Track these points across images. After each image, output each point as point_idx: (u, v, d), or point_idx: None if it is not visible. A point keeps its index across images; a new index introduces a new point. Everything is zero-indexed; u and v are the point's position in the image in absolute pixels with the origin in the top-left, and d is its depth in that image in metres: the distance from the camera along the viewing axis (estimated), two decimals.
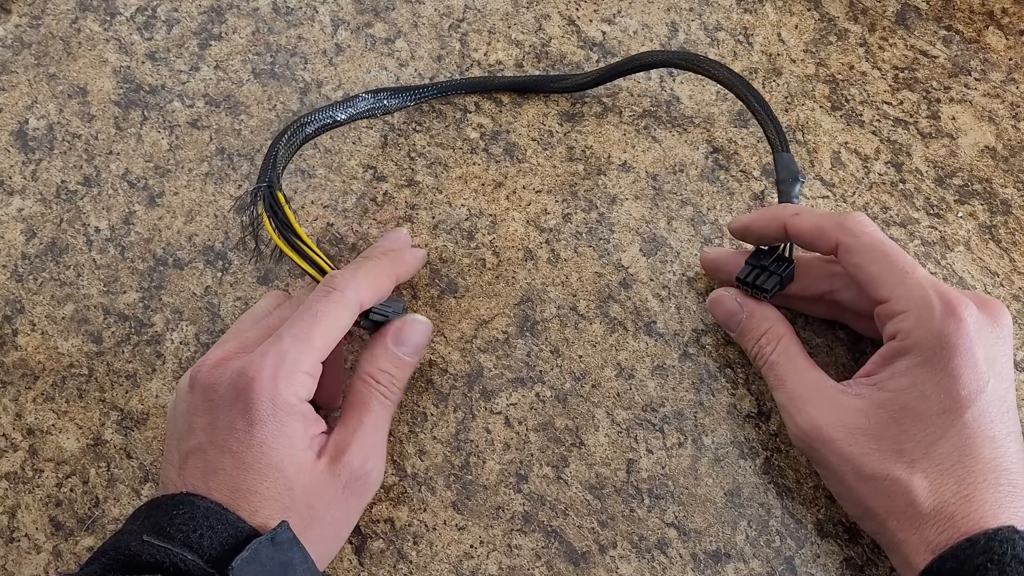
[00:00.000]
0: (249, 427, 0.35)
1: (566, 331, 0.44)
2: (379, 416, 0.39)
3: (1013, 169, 0.48)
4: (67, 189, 0.48)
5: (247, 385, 0.35)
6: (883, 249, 0.37)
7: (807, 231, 0.39)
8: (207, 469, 0.35)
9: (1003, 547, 0.32)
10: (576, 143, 0.49)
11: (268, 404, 0.35)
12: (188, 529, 0.33)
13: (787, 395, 0.38)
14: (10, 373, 0.44)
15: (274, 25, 0.52)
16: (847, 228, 0.38)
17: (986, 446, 0.34)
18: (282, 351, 0.36)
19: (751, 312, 0.40)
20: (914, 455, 0.35)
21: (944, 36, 0.51)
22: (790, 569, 0.40)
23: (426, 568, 0.40)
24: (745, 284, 0.41)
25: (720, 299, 0.42)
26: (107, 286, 0.46)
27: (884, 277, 0.36)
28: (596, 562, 0.40)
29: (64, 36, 0.52)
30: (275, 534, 0.33)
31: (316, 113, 0.46)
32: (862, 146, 0.49)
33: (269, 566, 0.33)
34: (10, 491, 0.42)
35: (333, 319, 0.37)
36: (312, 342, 0.37)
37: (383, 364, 0.40)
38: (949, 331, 0.35)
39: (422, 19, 0.52)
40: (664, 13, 0.52)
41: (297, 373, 0.36)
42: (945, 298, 0.35)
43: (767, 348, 0.40)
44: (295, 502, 0.35)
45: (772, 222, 0.40)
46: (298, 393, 0.36)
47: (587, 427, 0.42)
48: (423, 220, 0.47)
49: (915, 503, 0.34)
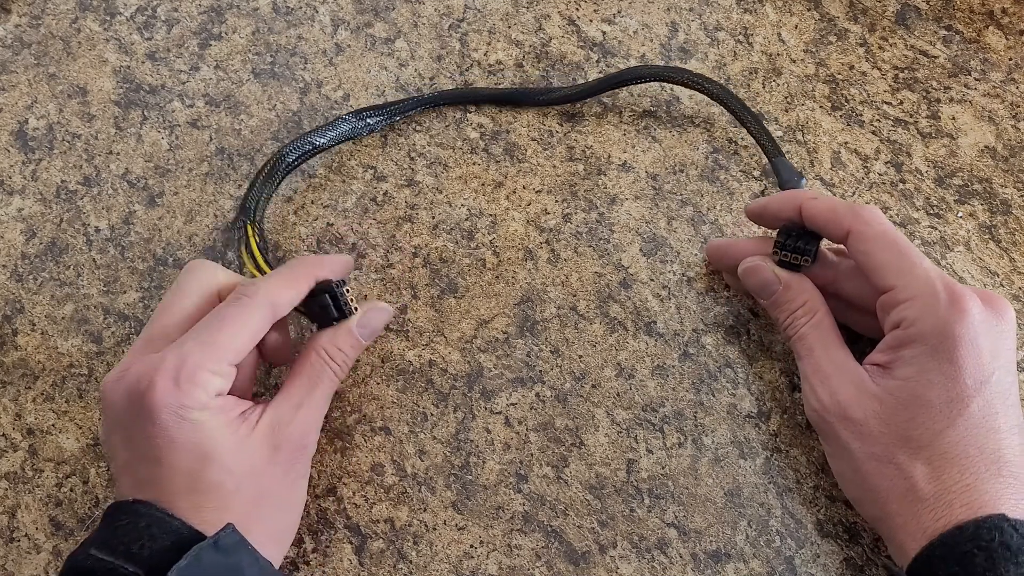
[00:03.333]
0: (164, 432, 0.34)
1: (566, 331, 0.44)
2: (326, 393, 0.39)
3: (1013, 169, 0.48)
4: (67, 189, 0.48)
5: (144, 395, 0.34)
6: (893, 238, 0.38)
7: (822, 214, 0.39)
8: (139, 482, 0.35)
9: (991, 534, 0.32)
10: (576, 143, 0.49)
11: (173, 412, 0.34)
12: (129, 540, 0.33)
13: (813, 367, 0.39)
14: (10, 373, 0.44)
15: (274, 25, 0.52)
16: (860, 216, 0.38)
17: (990, 437, 0.35)
18: (182, 355, 0.35)
19: (788, 283, 0.40)
20: (920, 442, 0.35)
21: (944, 36, 0.51)
22: (790, 569, 0.40)
23: (426, 568, 0.40)
24: (785, 249, 0.40)
25: (756, 268, 0.41)
26: (107, 286, 0.46)
27: (891, 265, 0.37)
28: (596, 562, 0.40)
29: (64, 36, 0.52)
30: (218, 538, 0.33)
31: (296, 142, 0.46)
32: (862, 146, 0.49)
33: (212, 571, 0.32)
34: (10, 491, 0.42)
35: (240, 323, 0.36)
36: (218, 345, 0.35)
37: (341, 342, 0.39)
38: (954, 321, 0.35)
39: (422, 19, 0.52)
40: (664, 13, 0.52)
41: (200, 372, 0.35)
42: (950, 289, 0.36)
43: (801, 319, 0.40)
44: (240, 485, 0.35)
45: (789, 203, 0.41)
46: (206, 390, 0.35)
47: (587, 427, 0.42)
48: (423, 220, 0.47)
49: (916, 489, 0.35)
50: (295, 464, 0.37)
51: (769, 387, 0.43)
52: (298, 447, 0.37)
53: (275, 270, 0.40)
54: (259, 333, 0.37)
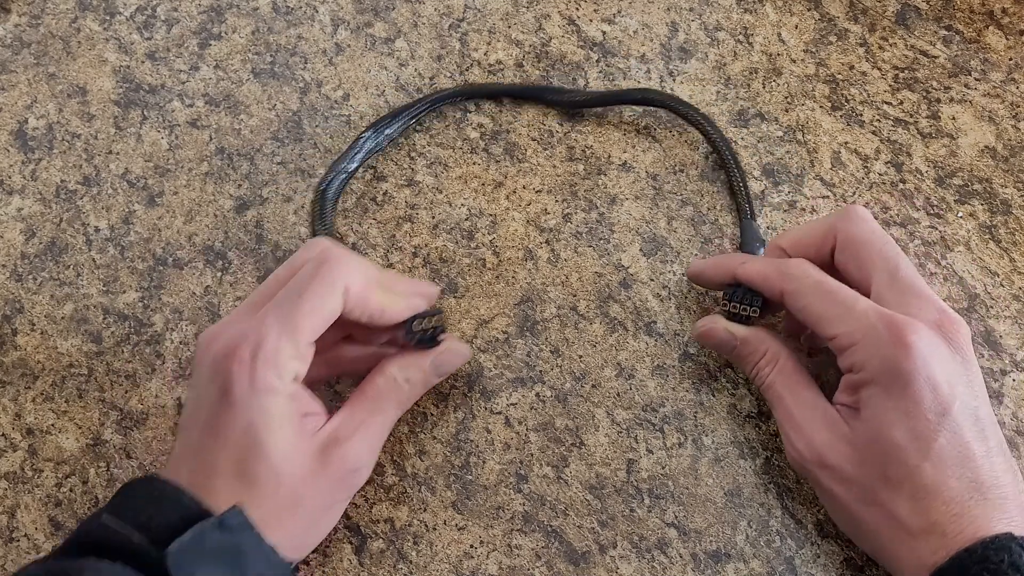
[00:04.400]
0: (228, 407, 0.35)
1: (566, 331, 0.44)
2: (388, 419, 0.39)
3: (1013, 169, 0.48)
4: (67, 189, 0.48)
5: (226, 364, 0.35)
6: (824, 288, 0.37)
7: (754, 279, 0.40)
8: (187, 445, 0.36)
9: (999, 555, 0.32)
10: (576, 143, 0.49)
11: (245, 386, 0.35)
12: (139, 510, 0.33)
13: (785, 415, 0.39)
14: (10, 373, 0.44)
15: (274, 25, 0.52)
16: (789, 275, 0.38)
17: (967, 466, 0.34)
18: (262, 331, 0.35)
19: (744, 339, 0.40)
20: (898, 480, 0.35)
21: (944, 36, 0.51)
22: (790, 569, 0.40)
23: (426, 568, 0.40)
24: (733, 300, 0.41)
25: (710, 331, 0.41)
26: (107, 286, 0.46)
27: (828, 314, 0.37)
28: (596, 562, 0.40)
29: (64, 36, 0.52)
30: (224, 518, 0.33)
31: (331, 174, 0.47)
32: (862, 146, 0.49)
33: (215, 550, 0.32)
34: (10, 491, 0.42)
35: (319, 299, 0.36)
36: (296, 322, 0.35)
37: (411, 374, 0.39)
38: (900, 358, 0.35)
39: (422, 19, 0.52)
40: (664, 13, 0.52)
41: (278, 355, 0.35)
42: (891, 325, 0.35)
43: (765, 370, 0.40)
44: (279, 486, 0.35)
45: (723, 269, 0.41)
46: (280, 375, 0.35)
47: (587, 427, 0.42)
48: (423, 220, 0.47)
49: (904, 526, 0.34)
50: (340, 486, 0.37)
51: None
52: (349, 470, 0.37)
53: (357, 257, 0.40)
54: (333, 313, 0.37)
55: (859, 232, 0.39)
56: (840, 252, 0.39)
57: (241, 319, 0.37)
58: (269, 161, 0.48)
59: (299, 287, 0.36)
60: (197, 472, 0.35)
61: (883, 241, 0.38)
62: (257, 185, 0.48)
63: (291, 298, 0.36)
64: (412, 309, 0.39)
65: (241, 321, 0.36)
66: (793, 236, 0.41)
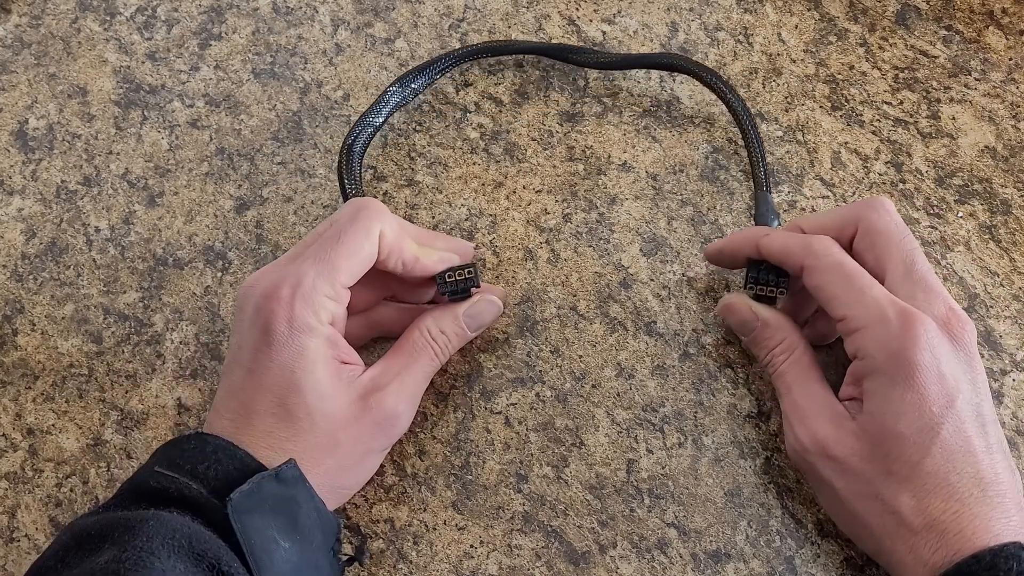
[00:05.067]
0: (267, 347, 0.36)
1: (566, 331, 0.44)
2: (425, 370, 0.40)
3: (1013, 169, 0.48)
4: (67, 189, 0.48)
5: (266, 304, 0.36)
6: (843, 270, 0.38)
7: (776, 252, 0.40)
8: (229, 387, 0.37)
9: (1008, 563, 0.32)
10: (576, 143, 0.49)
11: (284, 325, 0.36)
12: (196, 461, 0.34)
13: (791, 405, 0.39)
14: (10, 373, 0.44)
15: (274, 25, 0.52)
16: (812, 250, 0.38)
17: (968, 460, 0.34)
18: (300, 272, 0.37)
19: (766, 321, 0.40)
20: (901, 476, 0.35)
21: (944, 36, 0.51)
22: (790, 569, 0.40)
23: (426, 568, 0.40)
24: (759, 283, 0.41)
25: (733, 306, 0.41)
26: (107, 286, 0.46)
27: (842, 296, 0.37)
28: (596, 562, 0.40)
29: (64, 36, 0.52)
30: (280, 470, 0.34)
31: (357, 128, 0.46)
32: (862, 146, 0.49)
33: (271, 500, 0.34)
34: (10, 491, 0.42)
35: (356, 242, 0.37)
36: (333, 263, 0.37)
37: (446, 326, 0.40)
38: (907, 347, 0.35)
39: (422, 19, 0.52)
40: (664, 13, 0.52)
41: (316, 295, 0.36)
42: (902, 314, 0.35)
43: (780, 357, 0.40)
44: (315, 427, 0.36)
45: (746, 242, 0.41)
46: (318, 315, 0.36)
47: (587, 427, 0.42)
48: (423, 220, 0.47)
49: (905, 523, 0.35)
50: (377, 433, 0.38)
51: (769, 387, 0.43)
52: (388, 416, 0.38)
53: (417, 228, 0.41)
54: (370, 257, 0.38)
55: (882, 223, 0.39)
56: (860, 240, 0.39)
57: (281, 266, 0.38)
58: (269, 161, 0.48)
59: (336, 232, 0.38)
60: (238, 412, 0.36)
61: (903, 234, 0.38)
62: (257, 185, 0.48)
63: (329, 242, 0.37)
64: (446, 262, 0.40)
65: (282, 267, 0.38)
66: (815, 220, 0.41)
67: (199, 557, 0.31)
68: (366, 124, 0.46)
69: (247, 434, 0.36)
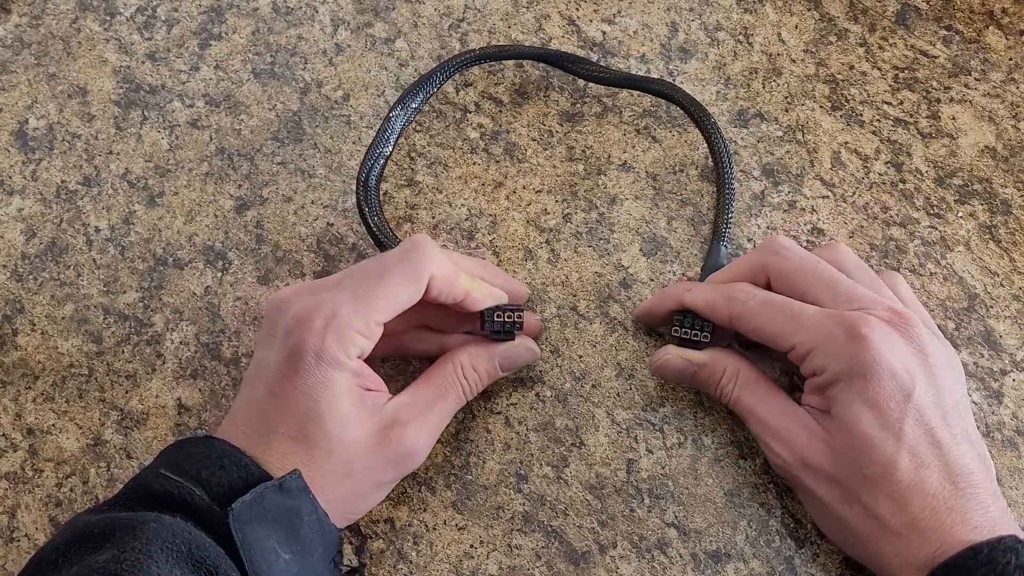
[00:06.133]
0: (293, 374, 0.36)
1: (566, 331, 0.44)
2: (451, 407, 0.40)
3: (1013, 169, 0.48)
4: (67, 189, 0.48)
5: (295, 330, 0.36)
6: (773, 305, 0.38)
7: (702, 307, 0.40)
8: (249, 400, 0.37)
9: (1006, 556, 0.32)
10: (576, 143, 0.49)
11: (312, 355, 0.36)
12: (201, 466, 0.34)
13: (760, 426, 0.39)
14: (10, 373, 0.44)
15: (274, 25, 0.52)
16: (736, 299, 0.39)
17: (935, 454, 0.35)
18: (337, 305, 0.36)
19: (701, 363, 0.41)
20: (875, 478, 0.35)
21: (944, 36, 0.51)
22: (790, 569, 0.40)
23: (426, 568, 0.40)
24: (684, 326, 0.41)
25: (666, 364, 0.41)
26: (107, 286, 0.46)
27: (782, 328, 0.38)
28: (596, 562, 0.40)
29: (64, 36, 0.52)
30: (284, 481, 0.34)
31: (369, 162, 0.45)
32: (862, 146, 0.49)
33: (273, 511, 0.34)
34: (10, 491, 0.42)
35: (398, 285, 0.37)
36: (371, 302, 0.36)
37: (480, 365, 0.40)
38: (856, 352, 0.35)
39: (422, 19, 0.52)
40: (664, 13, 0.52)
41: (348, 331, 0.36)
42: (844, 324, 0.36)
43: (728, 386, 0.40)
44: (332, 453, 0.36)
45: (670, 301, 0.42)
46: (347, 350, 0.36)
47: (587, 427, 0.42)
48: (423, 220, 0.47)
49: (886, 525, 0.35)
50: (393, 466, 0.38)
51: None
52: (406, 453, 0.38)
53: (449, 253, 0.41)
54: (411, 301, 0.37)
55: (789, 263, 0.39)
56: (776, 284, 0.40)
57: (319, 291, 0.38)
58: (269, 161, 0.48)
59: (383, 269, 0.37)
60: (256, 428, 0.36)
61: (814, 263, 0.39)
62: (257, 185, 0.48)
63: (372, 279, 0.37)
64: (495, 299, 0.40)
65: (321, 291, 0.37)
66: (725, 275, 0.41)
67: (197, 564, 0.31)
68: (377, 156, 0.45)
69: (263, 452, 0.36)
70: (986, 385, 0.43)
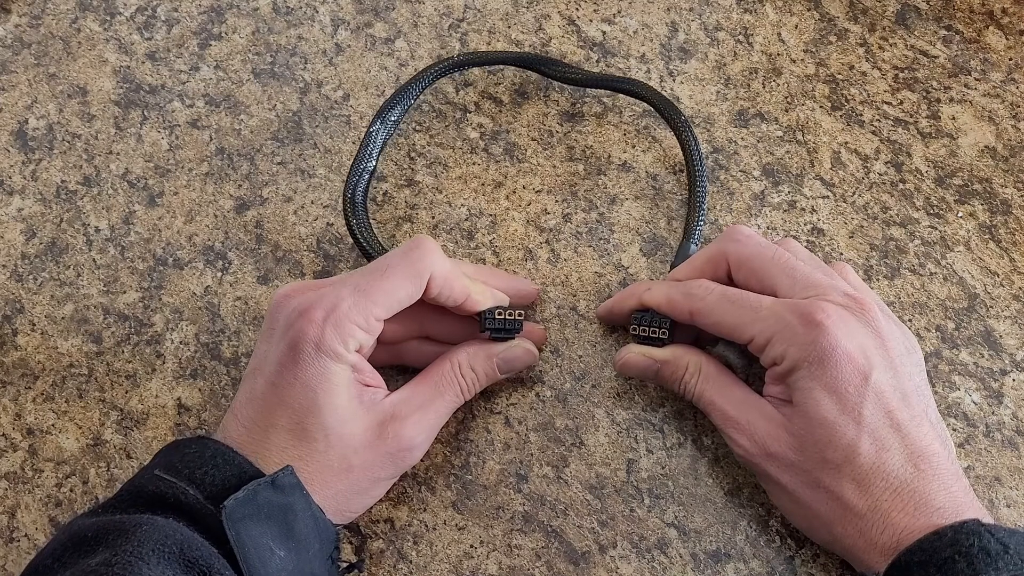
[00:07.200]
0: (292, 364, 0.36)
1: (566, 331, 0.44)
2: (448, 406, 0.40)
3: (1013, 169, 0.48)
4: (67, 189, 0.48)
5: (296, 322, 0.36)
6: (729, 298, 0.38)
7: (662, 304, 0.40)
8: (250, 394, 0.37)
9: (970, 539, 0.32)
10: (576, 143, 0.49)
11: (311, 346, 0.36)
12: (194, 466, 0.34)
13: (722, 418, 0.39)
14: (10, 373, 0.44)
15: (274, 25, 0.52)
16: (694, 295, 0.39)
17: (896, 436, 0.35)
18: (337, 298, 0.37)
19: (663, 360, 0.41)
20: (837, 461, 0.35)
21: (944, 36, 0.51)
22: (790, 569, 0.40)
23: (426, 568, 0.40)
24: (642, 324, 0.41)
25: (629, 363, 0.41)
26: (107, 286, 0.46)
27: (739, 320, 0.38)
28: (596, 562, 0.40)
29: (64, 36, 0.52)
30: (276, 477, 0.34)
31: (353, 179, 0.45)
32: (862, 146, 0.49)
33: (266, 508, 0.34)
34: (10, 491, 0.42)
35: (398, 281, 0.37)
36: (371, 296, 0.37)
37: (478, 364, 0.40)
38: (813, 339, 0.36)
39: (422, 19, 0.52)
40: (664, 13, 0.52)
41: (347, 323, 0.36)
42: (800, 312, 0.36)
43: (691, 382, 0.40)
44: (330, 449, 0.36)
45: (631, 299, 0.42)
46: (346, 343, 0.36)
47: (587, 427, 0.42)
48: (423, 220, 0.47)
49: (850, 508, 0.35)
50: (391, 462, 0.38)
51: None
52: (403, 448, 0.38)
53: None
54: (412, 298, 0.38)
55: (748, 250, 0.40)
56: (736, 272, 0.40)
57: (321, 286, 0.38)
58: (269, 161, 0.48)
59: (385, 265, 0.38)
60: (256, 422, 0.36)
61: (772, 250, 0.39)
62: (257, 185, 0.48)
63: (373, 274, 0.38)
64: (496, 301, 0.40)
65: (323, 285, 0.38)
66: (686, 268, 0.42)
67: (190, 564, 0.31)
68: (361, 171, 0.45)
69: (261, 446, 0.36)
70: (986, 385, 0.43)
